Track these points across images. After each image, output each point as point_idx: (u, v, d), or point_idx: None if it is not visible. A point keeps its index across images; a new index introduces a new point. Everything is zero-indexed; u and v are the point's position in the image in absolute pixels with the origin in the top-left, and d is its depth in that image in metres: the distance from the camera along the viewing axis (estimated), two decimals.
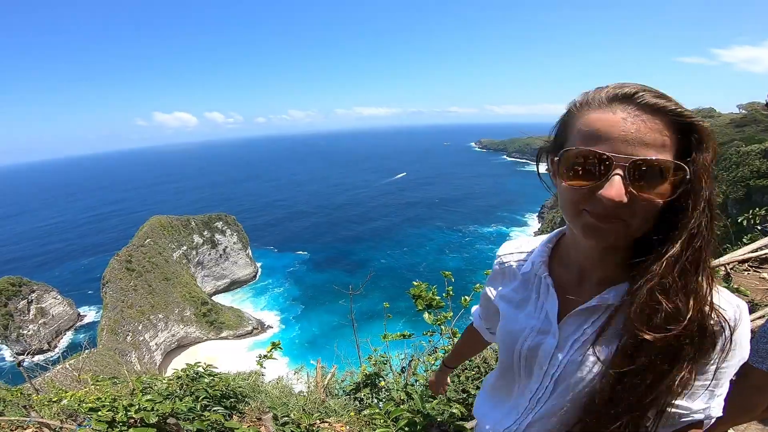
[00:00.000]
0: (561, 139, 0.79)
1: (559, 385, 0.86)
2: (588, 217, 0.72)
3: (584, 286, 0.86)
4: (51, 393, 4.61)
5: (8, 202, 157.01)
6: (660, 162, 0.66)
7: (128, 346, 39.58)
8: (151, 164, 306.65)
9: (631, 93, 0.69)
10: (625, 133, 0.67)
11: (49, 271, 68.06)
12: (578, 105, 0.76)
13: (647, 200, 0.68)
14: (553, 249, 0.97)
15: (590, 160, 0.69)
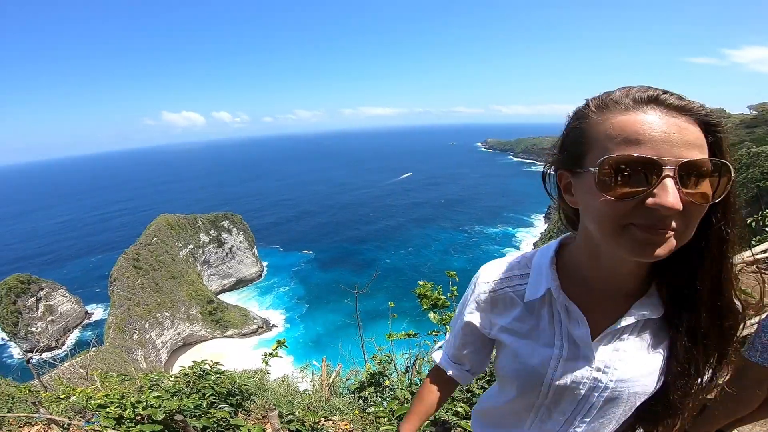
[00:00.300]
0: (578, 151, 0.71)
1: (607, 405, 0.85)
2: (637, 231, 0.64)
3: (607, 303, 0.81)
4: (59, 390, 4.69)
5: (18, 201, 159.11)
6: (707, 162, 0.63)
7: (134, 344, 39.90)
8: (159, 163, 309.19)
9: (657, 94, 0.66)
10: (667, 134, 0.62)
11: (57, 269, 68.89)
12: (597, 109, 0.70)
13: (699, 204, 0.64)
14: (557, 266, 0.88)
15: (635, 167, 0.63)
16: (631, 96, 0.67)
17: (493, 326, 0.95)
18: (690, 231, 0.66)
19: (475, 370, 1.12)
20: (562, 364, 0.84)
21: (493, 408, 1.10)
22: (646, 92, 0.66)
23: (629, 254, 0.66)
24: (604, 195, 0.65)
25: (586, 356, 0.82)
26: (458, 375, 1.12)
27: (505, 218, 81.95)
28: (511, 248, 66.71)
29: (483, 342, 1.02)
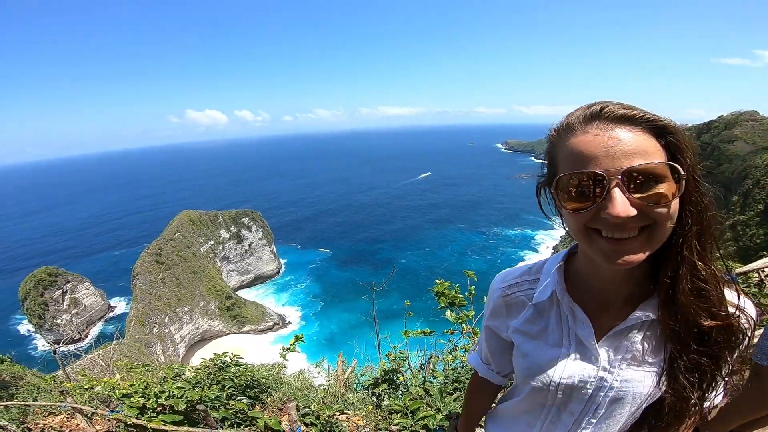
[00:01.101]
0: (551, 172, 0.81)
1: (613, 405, 0.88)
2: (601, 241, 0.72)
3: (610, 306, 0.87)
4: (83, 381, 4.88)
5: (48, 195, 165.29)
6: (649, 165, 0.68)
7: (154, 337, 40.80)
8: (182, 160, 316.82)
9: (598, 109, 0.73)
10: (606, 148, 0.69)
11: (83, 262, 71.12)
12: (557, 133, 0.79)
13: (656, 203, 0.69)
14: (565, 271, 0.94)
15: (585, 182, 0.71)
16: (576, 117, 0.75)
17: (508, 328, 1.03)
18: (660, 232, 0.71)
19: (501, 371, 1.19)
20: (569, 363, 0.89)
21: (505, 410, 1.16)
22: (588, 110, 0.74)
23: (602, 261, 0.74)
24: (565, 207, 0.75)
25: (592, 356, 0.87)
26: (488, 375, 1.22)
27: (525, 220, 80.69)
28: (530, 251, 65.70)
29: (504, 345, 1.10)
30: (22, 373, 7.65)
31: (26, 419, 4.26)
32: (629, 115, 0.71)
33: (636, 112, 0.71)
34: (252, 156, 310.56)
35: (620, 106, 0.72)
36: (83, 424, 3.85)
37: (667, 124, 0.71)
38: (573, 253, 0.95)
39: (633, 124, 0.71)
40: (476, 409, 1.34)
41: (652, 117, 0.71)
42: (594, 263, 0.83)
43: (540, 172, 0.87)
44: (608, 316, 0.86)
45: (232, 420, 3.27)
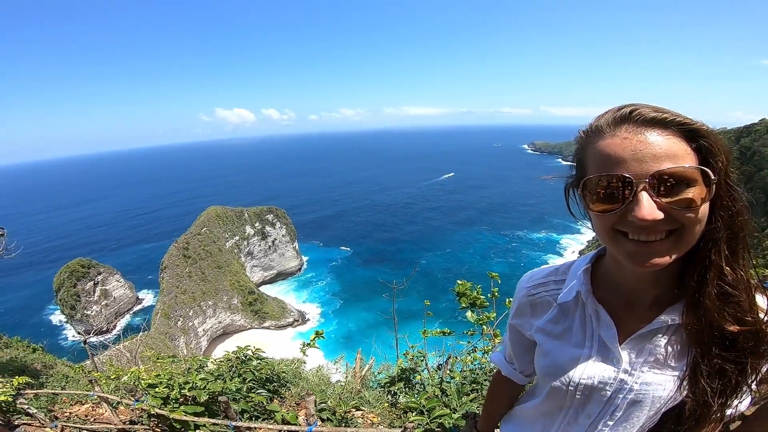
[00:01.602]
0: (579, 174, 0.82)
1: (631, 408, 0.87)
2: (628, 243, 0.73)
3: (636, 309, 0.86)
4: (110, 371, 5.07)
5: (85, 190, 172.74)
6: (677, 169, 0.68)
7: (178, 330, 41.99)
8: (211, 157, 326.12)
9: (628, 112, 0.72)
10: (634, 152, 0.69)
11: (114, 255, 74.03)
12: (586, 135, 0.80)
13: (683, 209, 0.69)
14: (592, 273, 0.94)
15: (613, 184, 0.71)
16: (606, 119, 0.75)
17: (531, 327, 1.03)
18: (688, 236, 0.71)
19: (524, 371, 1.20)
20: (590, 364, 0.89)
21: (522, 411, 1.16)
22: (618, 112, 0.74)
23: (628, 263, 0.74)
24: (592, 209, 0.76)
25: (614, 357, 0.87)
26: (511, 374, 1.22)
27: (550, 224, 79.01)
28: (554, 255, 64.23)
29: (527, 344, 1.10)
30: (52, 363, 8.01)
31: (54, 407, 4.45)
32: (660, 118, 0.70)
33: (667, 115, 0.71)
34: (278, 154, 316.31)
35: (651, 108, 0.72)
36: (107, 413, 3.99)
37: (699, 128, 0.70)
38: (601, 256, 0.95)
39: (663, 127, 0.70)
40: (496, 408, 1.33)
41: (683, 120, 0.70)
42: (621, 265, 0.83)
43: (568, 174, 0.86)
44: (633, 319, 0.86)
45: (251, 413, 3.33)
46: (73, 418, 4.24)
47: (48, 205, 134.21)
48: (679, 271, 0.80)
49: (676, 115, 0.71)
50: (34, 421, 4.03)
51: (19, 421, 4.03)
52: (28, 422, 4.05)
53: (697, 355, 0.79)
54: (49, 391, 4.42)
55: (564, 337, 0.95)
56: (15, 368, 6.70)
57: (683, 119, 0.71)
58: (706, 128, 0.71)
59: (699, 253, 0.75)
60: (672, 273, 0.80)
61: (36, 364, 7.53)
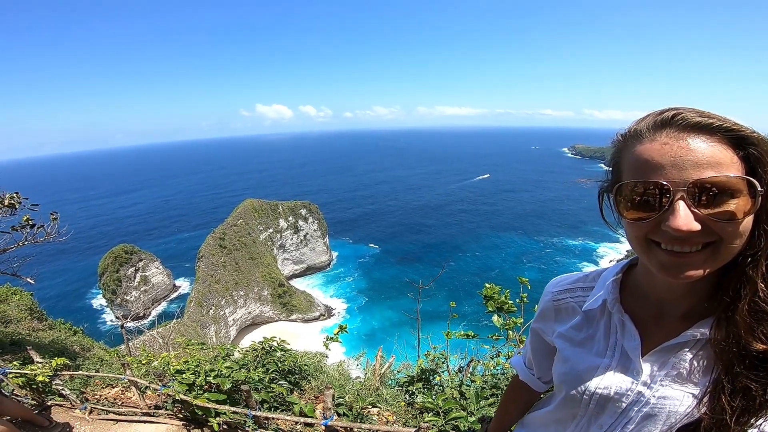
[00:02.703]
0: (617, 176, 0.78)
1: (645, 422, 0.83)
2: (661, 254, 0.69)
3: (665, 321, 0.82)
4: (142, 356, 5.27)
5: (131, 180, 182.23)
6: (720, 178, 0.63)
7: (209, 318, 43.39)
8: (250, 151, 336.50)
9: (670, 116, 0.69)
10: (674, 158, 0.65)
11: (155, 242, 77.40)
12: (624, 139, 0.76)
13: (726, 221, 0.65)
14: (622, 282, 0.91)
15: (650, 191, 0.67)
16: (646, 123, 0.72)
17: (553, 333, 1.01)
18: (726, 250, 0.67)
19: (542, 377, 1.17)
20: (609, 374, 0.86)
21: (535, 418, 1.13)
22: (660, 116, 0.70)
23: (659, 274, 0.70)
24: (625, 216, 0.73)
25: (635, 369, 0.83)
26: (528, 379, 1.20)
27: (588, 231, 75.98)
28: (590, 263, 61.88)
29: (547, 349, 1.08)
30: (90, 345, 8.43)
31: (86, 390, 4.67)
32: (704, 123, 0.66)
33: (713, 120, 0.66)
34: (313, 150, 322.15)
35: (696, 113, 0.68)
36: (135, 397, 4.16)
37: (749, 135, 0.65)
38: (633, 265, 0.91)
39: (708, 133, 0.66)
40: (510, 413, 1.30)
41: (731, 126, 0.66)
42: (652, 276, 0.80)
43: (603, 178, 0.83)
44: (660, 331, 0.82)
45: (271, 403, 3.37)
46: (102, 400, 4.43)
47: (95, 194, 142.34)
48: (713, 285, 0.75)
49: (724, 120, 0.66)
50: (66, 402, 4.25)
51: (52, 401, 4.25)
52: (60, 403, 4.26)
53: (721, 372, 0.74)
54: (83, 373, 4.62)
55: (585, 345, 0.92)
56: (56, 350, 7.07)
57: (731, 125, 0.66)
58: (757, 135, 0.66)
59: (736, 267, 0.71)
60: (705, 286, 0.76)
61: (75, 346, 7.91)
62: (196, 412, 3.22)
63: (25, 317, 8.91)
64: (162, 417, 3.80)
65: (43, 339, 7.85)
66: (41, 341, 7.55)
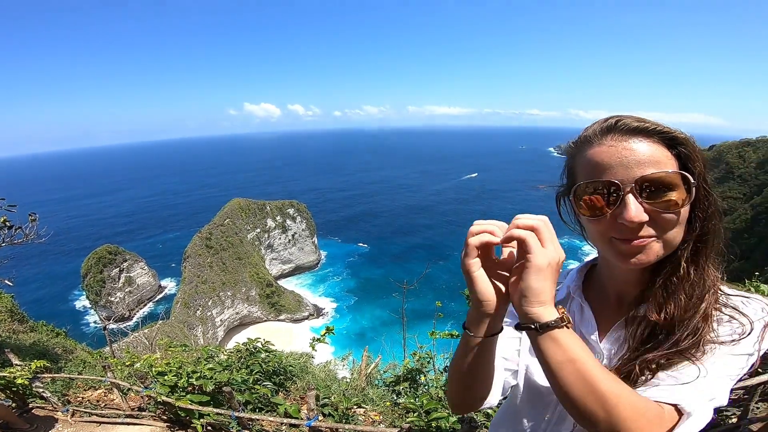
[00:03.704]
0: (572, 180, 0.86)
1: None
2: (620, 244, 0.77)
3: (622, 308, 0.90)
4: (125, 357, 5.19)
5: (115, 180, 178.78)
6: (659, 174, 0.73)
7: (196, 319, 42.78)
8: (237, 150, 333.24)
9: (614, 122, 0.78)
10: (620, 158, 0.75)
11: (140, 242, 75.98)
12: (575, 146, 0.86)
13: (666, 211, 0.74)
14: (586, 278, 1.00)
15: (601, 190, 0.76)
16: (593, 130, 0.81)
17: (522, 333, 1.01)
18: (672, 237, 0.76)
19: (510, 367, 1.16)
20: None
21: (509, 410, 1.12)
22: (605, 123, 0.80)
23: (618, 262, 0.79)
24: (584, 215, 0.81)
25: (595, 352, 0.89)
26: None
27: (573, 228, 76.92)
28: (576, 261, 61.86)
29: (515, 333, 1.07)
30: (73, 347, 8.26)
31: (68, 392, 4.58)
32: (642, 127, 0.76)
33: (648, 124, 0.76)
34: (301, 149, 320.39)
35: (634, 119, 0.78)
36: (118, 399, 4.09)
37: (678, 135, 0.76)
38: (595, 265, 1.01)
39: (646, 135, 0.76)
40: None
41: (664, 129, 0.76)
42: (611, 267, 0.89)
43: (559, 183, 0.91)
44: (618, 315, 0.90)
45: (255, 404, 3.35)
46: (85, 403, 4.35)
47: (78, 194, 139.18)
48: None
49: (657, 125, 0.76)
50: (47, 405, 4.17)
51: (34, 404, 4.17)
52: (42, 405, 4.18)
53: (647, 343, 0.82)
54: (65, 375, 4.54)
55: None
56: (37, 352, 6.92)
57: (663, 128, 0.76)
58: (684, 136, 0.77)
59: (674, 252, 0.80)
60: (654, 273, 0.84)
61: (57, 348, 7.75)
62: (180, 414, 3.18)
63: (4, 319, 8.71)
64: (145, 419, 3.75)
65: (24, 341, 7.68)
66: (22, 343, 7.39)
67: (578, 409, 0.69)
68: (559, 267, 0.74)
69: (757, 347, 0.75)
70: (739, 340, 0.75)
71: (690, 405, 0.70)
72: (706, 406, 0.72)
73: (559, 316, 0.72)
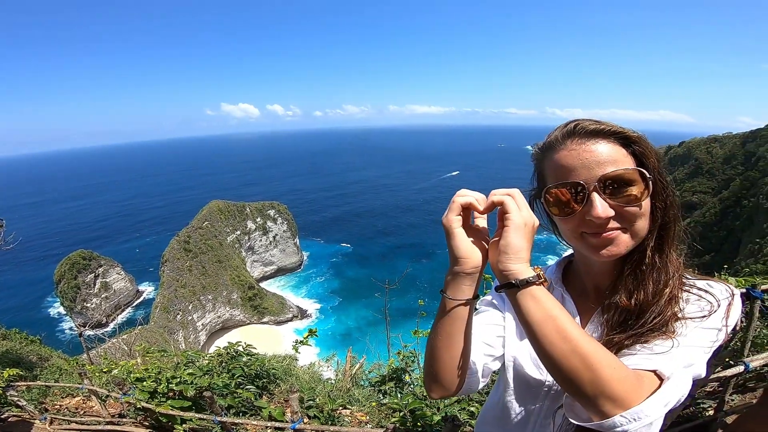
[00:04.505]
0: (542, 183, 0.93)
1: None
2: (591, 238, 0.84)
3: (600, 298, 0.95)
4: (103, 364, 5.05)
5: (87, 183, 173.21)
6: (618, 171, 0.80)
7: (177, 324, 41.99)
8: (215, 151, 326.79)
9: (573, 127, 0.85)
10: (582, 161, 0.82)
11: (116, 247, 74.03)
12: (541, 151, 0.92)
13: (628, 204, 0.81)
14: (565, 271, 1.07)
15: (569, 191, 0.83)
16: (556, 135, 0.88)
17: (505, 317, 1.09)
18: (638, 228, 0.83)
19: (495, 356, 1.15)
20: None
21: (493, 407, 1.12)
22: (565, 128, 0.87)
23: (592, 256, 0.86)
24: (556, 215, 0.88)
25: None
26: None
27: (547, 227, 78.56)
28: (555, 256, 63.98)
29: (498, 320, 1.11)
30: (48, 355, 8.00)
31: (45, 400, 4.43)
32: (599, 129, 0.83)
33: (604, 126, 0.83)
34: (282, 150, 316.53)
35: (591, 122, 0.85)
36: (97, 406, 3.98)
37: (631, 135, 0.83)
38: (572, 261, 1.07)
39: (603, 136, 0.83)
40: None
41: (618, 130, 0.83)
42: (587, 261, 0.96)
43: (530, 187, 0.97)
44: (597, 306, 0.95)
45: (238, 408, 3.30)
46: (63, 410, 4.22)
47: (51, 198, 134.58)
48: None
49: (612, 126, 0.83)
50: (24, 413, 4.02)
51: (9, 412, 4.02)
52: (18, 414, 4.03)
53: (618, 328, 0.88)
54: (40, 383, 4.40)
55: None
56: (10, 360, 6.68)
57: (618, 129, 0.83)
58: (637, 134, 0.84)
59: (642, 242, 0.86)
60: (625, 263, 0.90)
61: (32, 356, 7.51)
62: (161, 420, 3.12)
63: None
64: (127, 425, 3.65)
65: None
66: None
67: (562, 369, 0.71)
68: (534, 230, 0.81)
69: (724, 323, 0.81)
70: (709, 315, 0.81)
71: (668, 370, 0.73)
72: (684, 373, 0.76)
73: (536, 273, 0.77)
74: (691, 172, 60.23)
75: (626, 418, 0.68)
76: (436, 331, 0.91)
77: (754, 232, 43.32)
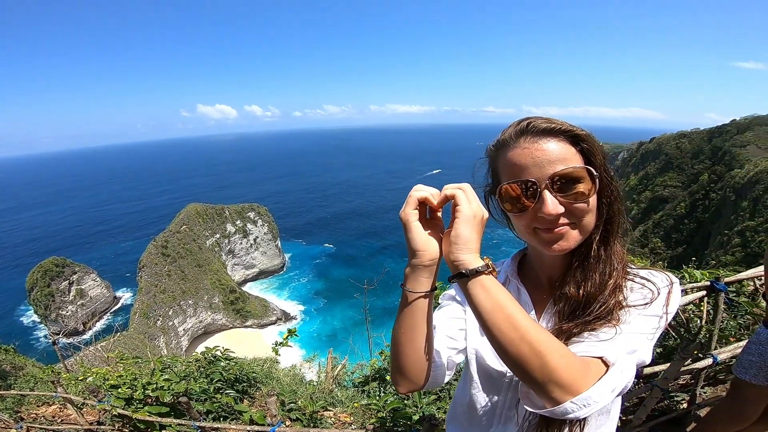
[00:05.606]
0: (496, 180, 0.94)
1: None
2: (542, 233, 0.87)
3: (553, 289, 0.98)
4: (79, 372, 4.90)
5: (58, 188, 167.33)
6: (567, 169, 0.83)
7: (157, 330, 41.00)
8: (192, 154, 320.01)
9: (525, 125, 0.87)
10: (534, 159, 0.84)
11: (91, 253, 71.81)
12: (495, 149, 0.94)
13: (577, 201, 0.84)
14: (520, 264, 1.11)
15: (521, 189, 0.85)
16: (509, 133, 0.90)
17: (466, 311, 1.10)
18: (586, 223, 0.87)
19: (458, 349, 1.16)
20: None
21: (462, 401, 1.12)
22: (518, 126, 0.89)
23: (544, 250, 0.89)
24: (509, 212, 0.91)
25: None
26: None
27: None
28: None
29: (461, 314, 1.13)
30: (22, 364, 7.71)
31: (20, 409, 4.29)
32: (550, 127, 0.85)
33: (555, 125, 0.85)
34: (261, 151, 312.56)
35: (543, 120, 0.87)
36: (75, 414, 3.86)
37: (580, 133, 0.86)
38: (526, 254, 1.10)
39: (554, 135, 0.85)
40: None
41: (568, 128, 0.85)
42: (539, 253, 0.98)
43: (485, 184, 1.00)
44: (551, 297, 0.98)
45: (218, 413, 3.25)
46: (40, 419, 4.10)
47: (20, 204, 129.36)
48: None
49: (562, 124, 0.86)
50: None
51: None
52: None
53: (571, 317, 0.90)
54: (14, 392, 4.26)
55: None
56: None
57: (568, 127, 0.85)
58: (585, 133, 0.87)
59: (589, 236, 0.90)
60: (575, 256, 0.94)
61: (5, 365, 7.26)
62: (139, 427, 3.05)
63: None
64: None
65: None
66: None
67: (512, 356, 0.74)
68: (483, 222, 0.85)
69: (665, 309, 0.85)
70: (650, 303, 0.85)
71: (613, 356, 0.77)
72: (628, 359, 0.79)
73: (485, 263, 0.81)
74: (661, 167, 62.23)
75: (576, 405, 0.71)
76: (398, 325, 0.95)
77: (723, 224, 45.15)
